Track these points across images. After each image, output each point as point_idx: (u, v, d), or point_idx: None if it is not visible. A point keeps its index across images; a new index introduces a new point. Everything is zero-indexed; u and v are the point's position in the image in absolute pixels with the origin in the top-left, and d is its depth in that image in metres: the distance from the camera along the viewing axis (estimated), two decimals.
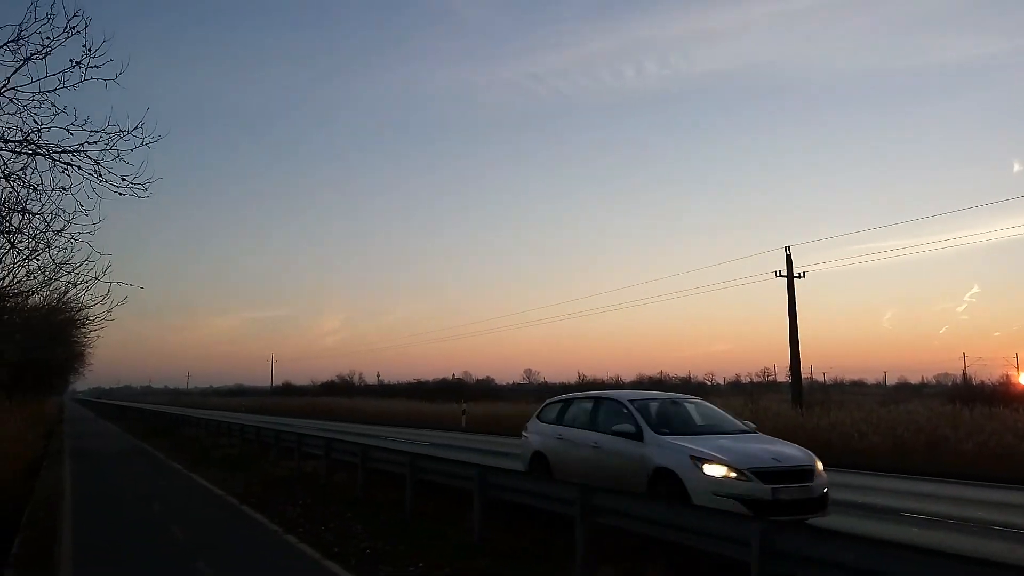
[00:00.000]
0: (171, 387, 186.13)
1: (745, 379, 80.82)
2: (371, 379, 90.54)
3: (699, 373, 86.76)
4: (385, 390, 75.12)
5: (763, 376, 79.95)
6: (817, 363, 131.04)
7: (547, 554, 9.25)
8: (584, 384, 50.35)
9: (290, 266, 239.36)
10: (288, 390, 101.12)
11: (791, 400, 30.72)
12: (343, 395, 71.93)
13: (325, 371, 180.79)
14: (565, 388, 55.28)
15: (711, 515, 7.15)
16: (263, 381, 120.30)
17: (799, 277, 31.27)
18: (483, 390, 67.64)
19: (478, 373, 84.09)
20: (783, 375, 63.55)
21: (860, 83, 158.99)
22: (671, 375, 64.41)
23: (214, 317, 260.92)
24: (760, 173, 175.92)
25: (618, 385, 54.08)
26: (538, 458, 13.09)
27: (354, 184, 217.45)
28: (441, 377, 75.18)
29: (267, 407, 73.63)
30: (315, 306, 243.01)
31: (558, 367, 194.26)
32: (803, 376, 33.60)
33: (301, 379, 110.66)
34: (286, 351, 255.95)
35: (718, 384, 75.17)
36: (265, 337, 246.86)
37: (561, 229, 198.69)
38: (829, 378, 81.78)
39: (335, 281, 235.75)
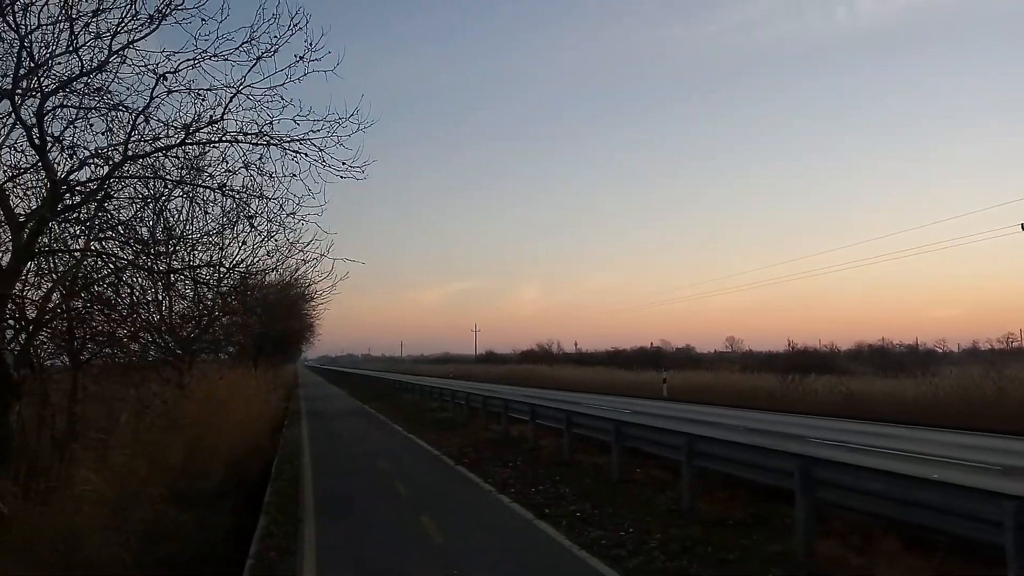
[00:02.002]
0: (387, 355, 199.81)
1: (984, 346, 72.05)
2: (569, 347, 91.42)
3: (928, 339, 78.67)
4: (583, 358, 75.37)
5: (1007, 342, 70.73)
6: None
7: (761, 524, 8.92)
8: (794, 352, 47.05)
9: (489, 239, 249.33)
10: (491, 358, 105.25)
11: None
12: (543, 363, 73.29)
13: (525, 339, 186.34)
14: (772, 357, 52.44)
15: (953, 491, 6.49)
16: (467, 349, 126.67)
17: None
18: (682, 359, 65.73)
19: (677, 341, 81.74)
20: None
21: None
22: (894, 342, 58.43)
23: (423, 289, 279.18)
24: (997, 118, 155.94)
25: (832, 354, 49.83)
26: None
27: (547, 153, 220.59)
28: (639, 345, 73.85)
29: (472, 374, 77.22)
30: (513, 277, 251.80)
31: (763, 334, 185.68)
32: None
33: (502, 347, 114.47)
34: (488, 321, 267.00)
35: (951, 352, 67.42)
36: (468, 308, 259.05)
37: (766, 188, 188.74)
38: None
39: (531, 252, 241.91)
